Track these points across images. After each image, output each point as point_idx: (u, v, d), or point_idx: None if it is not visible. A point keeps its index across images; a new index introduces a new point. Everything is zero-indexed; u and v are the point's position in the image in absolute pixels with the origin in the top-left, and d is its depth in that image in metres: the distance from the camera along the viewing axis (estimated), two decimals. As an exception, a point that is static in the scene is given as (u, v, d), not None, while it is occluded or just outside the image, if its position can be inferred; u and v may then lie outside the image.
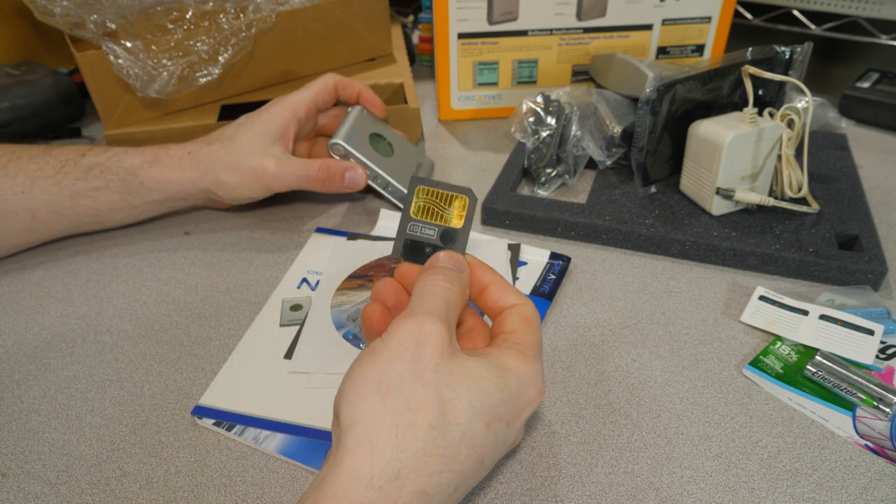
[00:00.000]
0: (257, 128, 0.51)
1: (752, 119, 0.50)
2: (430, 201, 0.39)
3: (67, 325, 0.48)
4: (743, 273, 0.51)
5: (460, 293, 0.34)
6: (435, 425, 0.28)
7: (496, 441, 0.30)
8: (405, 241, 0.38)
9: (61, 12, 0.57)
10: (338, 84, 0.56)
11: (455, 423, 0.28)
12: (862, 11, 0.75)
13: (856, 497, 0.35)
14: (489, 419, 0.30)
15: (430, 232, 0.38)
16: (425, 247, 0.38)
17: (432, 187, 0.39)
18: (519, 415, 0.32)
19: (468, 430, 0.29)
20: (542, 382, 0.33)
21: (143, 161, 0.50)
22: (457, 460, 0.28)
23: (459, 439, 0.28)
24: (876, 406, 0.40)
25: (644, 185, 0.57)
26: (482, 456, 0.30)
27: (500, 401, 0.30)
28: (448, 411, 0.28)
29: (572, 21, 0.69)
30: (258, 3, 0.63)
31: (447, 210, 0.38)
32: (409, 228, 0.38)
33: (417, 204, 0.39)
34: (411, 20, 0.98)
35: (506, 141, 0.71)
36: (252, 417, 0.40)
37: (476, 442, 0.29)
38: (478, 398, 0.29)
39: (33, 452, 0.39)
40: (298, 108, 0.53)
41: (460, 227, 0.38)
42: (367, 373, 0.29)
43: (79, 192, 0.49)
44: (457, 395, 0.29)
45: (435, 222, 0.38)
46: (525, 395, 0.32)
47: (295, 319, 0.47)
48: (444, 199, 0.39)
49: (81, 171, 0.50)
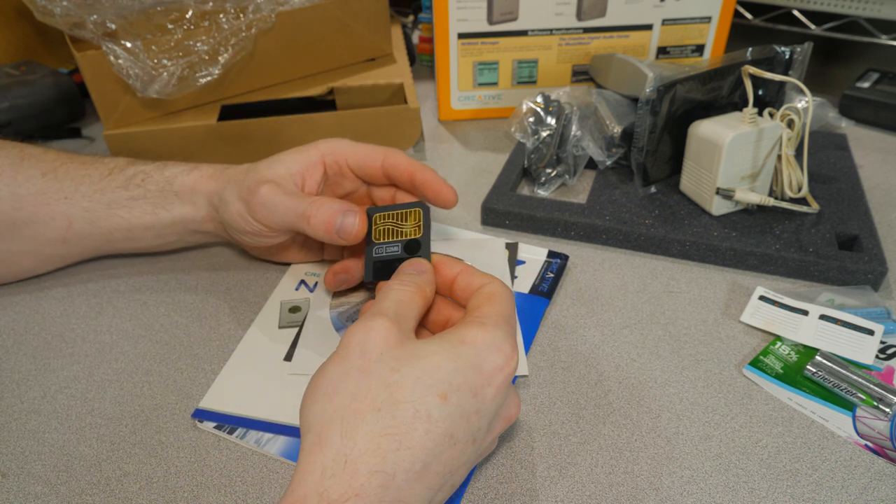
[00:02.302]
0: (282, 157, 0.47)
1: (752, 119, 0.50)
2: (388, 223, 0.41)
3: (67, 325, 0.48)
4: (743, 273, 0.51)
5: (415, 291, 0.36)
6: (380, 408, 0.29)
7: (463, 412, 0.30)
8: (373, 263, 0.41)
9: (61, 12, 0.57)
10: (387, 162, 0.46)
11: (404, 402, 0.29)
12: (862, 11, 0.75)
13: (856, 497, 0.35)
14: (444, 391, 0.30)
15: (395, 248, 0.41)
16: (394, 262, 0.40)
17: (386, 211, 0.42)
18: (487, 382, 0.31)
19: (421, 406, 0.29)
20: (508, 348, 0.32)
21: (183, 169, 0.49)
22: (414, 437, 0.28)
23: (413, 416, 0.29)
24: (876, 406, 0.40)
25: (644, 185, 0.57)
26: (448, 429, 0.29)
27: (453, 371, 0.30)
28: (394, 392, 0.29)
29: (572, 21, 0.69)
30: (258, 3, 0.63)
31: (405, 225, 0.41)
32: (375, 252, 0.41)
33: (377, 229, 0.41)
34: (411, 20, 0.98)
35: (506, 141, 0.71)
36: (253, 420, 0.40)
37: (434, 415, 0.29)
38: (426, 373, 0.30)
39: (33, 452, 0.39)
40: (328, 154, 0.47)
41: (420, 235, 0.41)
42: (318, 380, 0.31)
43: (116, 200, 0.48)
44: (402, 375, 0.30)
45: (396, 239, 0.41)
46: (488, 361, 0.31)
47: (294, 321, 0.47)
48: (400, 217, 0.42)
49: (125, 178, 0.49)
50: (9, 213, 0.47)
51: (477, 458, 0.33)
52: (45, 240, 0.49)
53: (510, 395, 0.34)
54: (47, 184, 0.48)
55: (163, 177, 0.49)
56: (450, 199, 0.44)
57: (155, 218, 0.49)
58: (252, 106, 0.68)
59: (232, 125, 0.64)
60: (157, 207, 0.48)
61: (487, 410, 0.31)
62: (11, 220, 0.47)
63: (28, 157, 0.49)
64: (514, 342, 0.33)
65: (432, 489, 0.29)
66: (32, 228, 0.48)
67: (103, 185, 0.49)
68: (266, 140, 0.65)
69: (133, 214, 0.48)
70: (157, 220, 0.49)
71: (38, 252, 0.50)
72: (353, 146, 0.47)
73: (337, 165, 0.47)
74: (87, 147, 0.73)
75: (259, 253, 0.52)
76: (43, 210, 0.47)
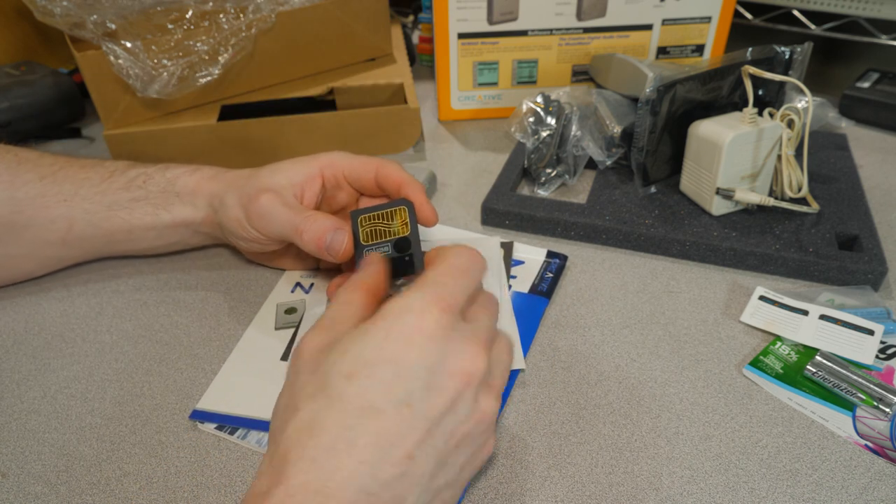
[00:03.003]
0: (283, 166, 0.47)
1: (752, 119, 0.50)
2: (374, 224, 0.42)
3: (67, 325, 0.48)
4: (743, 273, 0.51)
5: (353, 289, 0.35)
6: (299, 407, 0.30)
7: (377, 382, 0.29)
8: None
9: (61, 12, 0.57)
10: (379, 173, 0.46)
11: (317, 393, 0.30)
12: (862, 11, 0.75)
13: (856, 497, 0.35)
14: (350, 370, 0.29)
15: (385, 248, 0.41)
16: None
17: (370, 212, 0.42)
18: (404, 347, 0.30)
19: (333, 391, 0.29)
20: (419, 304, 0.31)
21: (185, 170, 0.49)
22: (329, 419, 0.29)
23: (327, 404, 0.29)
24: (876, 406, 0.40)
25: (644, 185, 0.57)
26: (366, 401, 0.29)
27: (361, 349, 0.30)
28: (311, 388, 0.30)
29: (572, 21, 0.69)
30: (258, 3, 0.63)
31: (392, 224, 0.41)
32: (365, 253, 0.41)
33: (364, 231, 0.42)
34: (411, 20, 0.98)
35: (506, 141, 0.71)
36: (253, 420, 0.40)
37: (346, 394, 0.29)
38: (335, 362, 0.30)
39: (33, 452, 0.39)
40: (327, 166, 0.47)
41: (408, 233, 0.41)
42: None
43: (117, 202, 0.48)
44: (316, 371, 0.30)
45: (385, 239, 0.41)
46: (400, 325, 0.30)
47: (290, 322, 0.47)
48: (386, 217, 0.42)
49: (126, 180, 0.49)
50: (7, 216, 0.47)
51: (439, 420, 0.30)
52: (44, 242, 0.49)
53: (456, 347, 0.31)
54: (46, 187, 0.48)
55: (164, 178, 0.49)
56: (430, 220, 0.44)
57: (156, 219, 0.49)
58: (252, 106, 0.68)
59: (232, 125, 0.64)
60: (158, 209, 0.48)
61: (412, 371, 0.30)
62: (10, 224, 0.47)
63: (24, 162, 0.48)
64: (434, 297, 0.31)
65: (370, 462, 0.28)
66: (32, 232, 0.48)
67: (104, 187, 0.48)
68: (266, 140, 0.65)
69: (134, 216, 0.48)
70: (158, 220, 0.49)
71: (37, 254, 0.50)
72: (349, 158, 0.47)
73: (334, 178, 0.47)
74: (87, 147, 0.73)
75: (255, 257, 0.52)
76: (42, 213, 0.47)
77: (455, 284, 0.33)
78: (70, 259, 0.52)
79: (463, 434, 0.31)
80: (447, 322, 0.31)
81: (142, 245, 0.51)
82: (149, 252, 0.52)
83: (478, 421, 0.31)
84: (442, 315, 0.31)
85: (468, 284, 0.34)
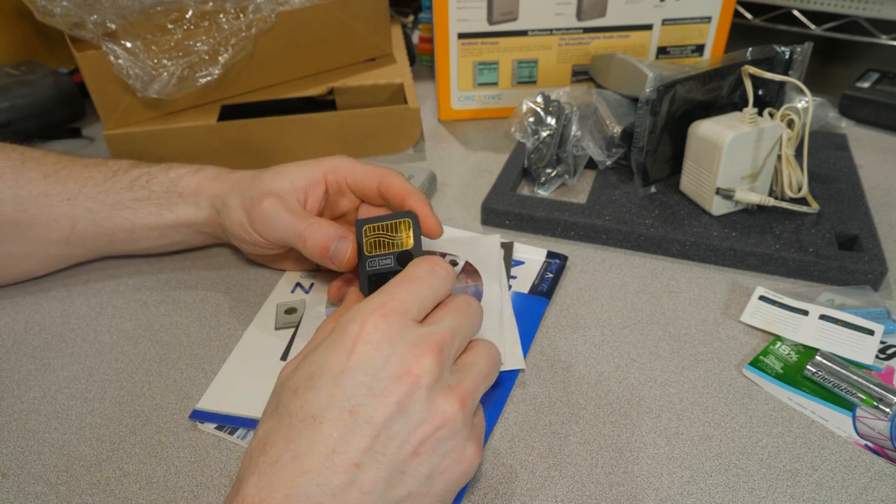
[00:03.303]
0: (287, 170, 0.47)
1: (752, 119, 0.50)
2: (379, 235, 0.42)
3: (67, 325, 0.48)
4: (743, 273, 0.51)
5: (324, 328, 0.37)
6: (263, 422, 0.31)
7: (319, 392, 0.30)
8: (368, 276, 0.41)
9: (61, 12, 0.57)
10: (382, 184, 0.46)
11: (274, 410, 0.31)
12: (862, 11, 0.75)
13: (856, 497, 0.35)
14: (296, 386, 0.31)
15: (388, 261, 0.41)
16: (388, 275, 0.40)
17: (376, 223, 0.42)
18: (345, 355, 0.30)
19: (283, 408, 0.31)
20: (361, 313, 0.31)
21: (188, 170, 0.49)
22: (278, 433, 0.30)
23: (278, 420, 0.30)
24: (876, 406, 0.40)
25: (644, 185, 0.57)
26: (308, 412, 0.29)
27: (307, 365, 0.31)
28: (274, 408, 0.31)
29: (572, 21, 0.69)
30: (258, 3, 0.63)
31: (396, 236, 0.41)
32: (369, 265, 0.41)
33: (368, 241, 0.41)
34: (411, 20, 0.98)
35: (506, 141, 0.71)
36: (253, 420, 0.40)
37: (291, 406, 0.30)
38: (290, 381, 0.31)
39: (33, 452, 0.39)
40: (330, 172, 0.47)
41: (412, 246, 0.41)
42: None
43: (120, 201, 0.48)
44: (273, 395, 0.33)
45: (389, 251, 0.41)
46: (343, 336, 0.31)
47: (290, 322, 0.47)
48: (390, 228, 0.42)
49: (129, 180, 0.49)
50: (11, 215, 0.47)
51: (387, 425, 0.29)
52: (47, 241, 0.49)
53: (400, 350, 0.31)
54: (49, 186, 0.48)
55: (167, 178, 0.49)
56: (434, 232, 0.44)
57: (159, 219, 0.49)
58: (252, 106, 0.68)
59: (232, 125, 0.64)
60: (161, 208, 0.49)
61: (351, 378, 0.29)
62: (14, 223, 0.47)
63: (29, 160, 0.49)
64: (377, 304, 0.32)
65: (313, 471, 0.28)
66: (35, 230, 0.48)
67: (107, 186, 0.49)
68: (266, 140, 0.65)
69: (137, 215, 0.49)
70: (161, 220, 0.49)
71: (40, 253, 0.50)
72: (353, 165, 0.47)
73: (337, 184, 0.47)
74: (87, 147, 0.73)
75: (256, 258, 0.52)
76: (45, 212, 0.47)
77: (405, 291, 0.33)
78: (73, 258, 0.52)
79: (420, 440, 0.30)
80: (389, 327, 0.31)
81: (144, 244, 0.51)
82: (151, 252, 0.52)
83: (437, 426, 0.30)
84: (382, 320, 0.31)
85: (421, 291, 0.34)
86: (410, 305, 0.33)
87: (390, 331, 0.31)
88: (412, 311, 0.33)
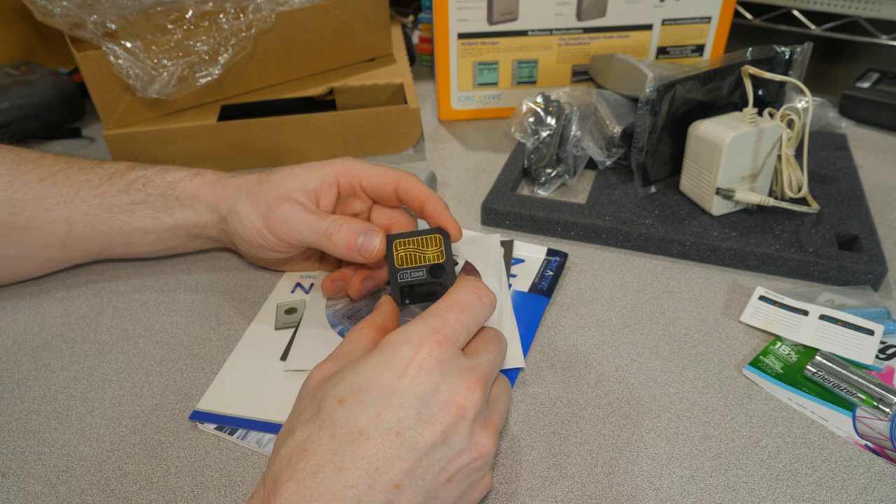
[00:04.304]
0: (297, 172, 0.47)
1: (752, 119, 0.50)
2: (409, 249, 0.43)
3: (67, 325, 0.48)
4: (743, 273, 0.51)
5: (364, 326, 0.37)
6: (294, 429, 0.31)
7: (367, 408, 0.30)
8: (400, 288, 0.42)
9: (61, 12, 0.57)
10: (400, 187, 0.46)
11: (313, 418, 0.31)
12: (862, 11, 0.75)
13: (856, 497, 0.35)
14: (343, 395, 0.31)
15: (419, 273, 0.42)
16: (420, 286, 0.42)
17: (406, 237, 0.43)
18: (397, 375, 0.31)
19: (325, 416, 0.30)
20: (416, 337, 0.32)
21: (186, 174, 0.49)
22: (320, 442, 0.29)
23: (319, 426, 0.30)
24: (876, 406, 0.40)
25: (644, 185, 0.57)
26: (354, 427, 0.29)
27: (354, 376, 0.31)
28: (307, 413, 0.31)
29: (572, 21, 0.69)
30: (258, 3, 0.63)
31: (426, 251, 0.42)
32: (400, 277, 0.42)
33: (399, 255, 0.42)
34: (411, 20, 0.98)
35: (506, 141, 0.71)
36: (252, 421, 0.40)
37: (336, 417, 0.30)
38: (332, 388, 0.31)
39: (33, 452, 0.39)
40: (343, 174, 0.47)
41: (443, 261, 0.42)
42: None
43: (117, 204, 0.48)
44: (314, 397, 0.32)
45: (420, 264, 0.42)
46: (394, 356, 0.31)
47: (290, 322, 0.47)
48: (421, 244, 0.43)
49: (125, 183, 0.49)
50: (7, 218, 0.47)
51: (429, 451, 0.30)
52: (44, 244, 0.48)
53: (451, 379, 0.31)
54: (45, 189, 0.48)
55: (164, 181, 0.49)
56: (455, 235, 0.44)
57: (156, 222, 0.48)
58: (252, 106, 0.68)
59: (232, 125, 0.64)
60: (159, 212, 0.48)
61: (403, 400, 0.30)
62: (9, 226, 0.47)
63: (25, 162, 0.48)
64: (431, 329, 0.32)
65: (357, 486, 0.28)
66: (31, 234, 0.48)
67: (103, 189, 0.48)
68: (266, 140, 0.65)
69: (134, 218, 0.48)
70: (159, 224, 0.49)
71: (36, 256, 0.49)
72: (367, 167, 0.47)
73: (350, 186, 0.47)
74: (87, 147, 0.73)
75: (257, 261, 0.52)
76: (41, 215, 0.47)
77: (455, 319, 0.34)
78: (69, 261, 0.51)
79: (456, 469, 0.31)
80: (442, 355, 0.32)
81: (142, 248, 0.51)
82: (148, 255, 0.52)
83: (474, 457, 0.31)
84: (436, 347, 0.32)
85: (468, 320, 0.34)
86: (459, 334, 0.34)
87: (442, 358, 0.32)
88: (460, 339, 0.34)
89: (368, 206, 0.49)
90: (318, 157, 0.64)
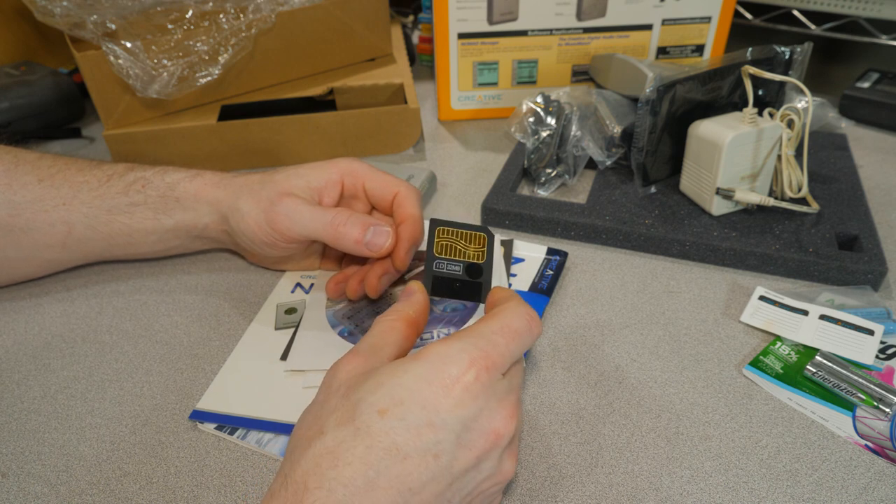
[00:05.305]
0: (301, 171, 0.47)
1: (752, 119, 0.50)
2: (451, 240, 0.41)
3: (67, 325, 0.48)
4: (743, 273, 0.51)
5: (396, 318, 0.36)
6: (325, 431, 0.29)
7: (408, 425, 0.29)
8: (433, 277, 0.40)
9: (61, 12, 0.57)
10: (399, 196, 0.46)
11: (347, 422, 0.29)
12: (862, 11, 0.75)
13: (856, 497, 0.35)
14: (384, 406, 0.29)
15: (456, 268, 0.40)
16: (454, 282, 0.40)
17: (451, 227, 0.41)
18: (441, 394, 0.30)
19: (361, 424, 0.29)
20: (466, 358, 0.31)
21: (185, 175, 0.49)
22: (354, 453, 0.28)
23: (353, 434, 0.29)
24: (876, 406, 0.40)
25: (644, 185, 0.57)
26: (392, 443, 0.28)
27: (395, 386, 0.30)
28: (340, 415, 0.30)
29: (572, 21, 0.69)
30: (258, 3, 0.63)
31: (468, 247, 0.41)
32: (436, 266, 0.40)
33: (440, 243, 0.41)
34: (411, 20, 0.98)
35: (506, 141, 0.71)
36: (252, 420, 0.40)
37: (374, 429, 0.29)
38: (369, 393, 0.30)
39: (33, 452, 0.39)
40: (348, 174, 0.47)
41: (483, 262, 0.40)
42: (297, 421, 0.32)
43: (116, 206, 0.48)
44: (348, 399, 0.30)
45: (458, 259, 0.40)
46: (440, 373, 0.30)
47: (290, 322, 0.47)
48: (464, 238, 0.41)
49: (125, 184, 0.49)
50: (6, 220, 0.47)
51: (462, 475, 0.30)
52: (43, 246, 0.48)
53: (492, 405, 0.31)
54: (44, 190, 0.47)
55: (163, 183, 0.48)
56: (397, 265, 0.44)
57: (157, 223, 0.48)
58: (252, 106, 0.68)
59: (232, 125, 0.64)
60: (159, 213, 0.48)
61: (445, 422, 0.29)
62: (9, 228, 0.47)
63: (23, 163, 0.48)
64: (482, 354, 0.31)
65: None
66: (31, 236, 0.47)
67: (102, 190, 0.48)
68: (266, 140, 0.65)
69: (134, 220, 0.48)
70: (159, 225, 0.48)
71: (36, 258, 0.49)
72: (372, 170, 0.47)
73: (354, 187, 0.47)
74: (87, 147, 0.73)
75: (258, 261, 0.52)
76: (41, 217, 0.47)
77: (505, 346, 0.33)
78: (69, 262, 0.51)
79: (480, 492, 0.31)
80: (489, 381, 0.31)
81: (142, 249, 0.50)
82: (148, 256, 0.52)
83: (498, 482, 0.32)
84: (484, 373, 0.31)
85: (517, 349, 0.33)
86: (507, 361, 0.33)
87: (488, 384, 0.31)
88: (505, 367, 0.33)
89: (368, 211, 0.49)
90: (318, 157, 0.63)
